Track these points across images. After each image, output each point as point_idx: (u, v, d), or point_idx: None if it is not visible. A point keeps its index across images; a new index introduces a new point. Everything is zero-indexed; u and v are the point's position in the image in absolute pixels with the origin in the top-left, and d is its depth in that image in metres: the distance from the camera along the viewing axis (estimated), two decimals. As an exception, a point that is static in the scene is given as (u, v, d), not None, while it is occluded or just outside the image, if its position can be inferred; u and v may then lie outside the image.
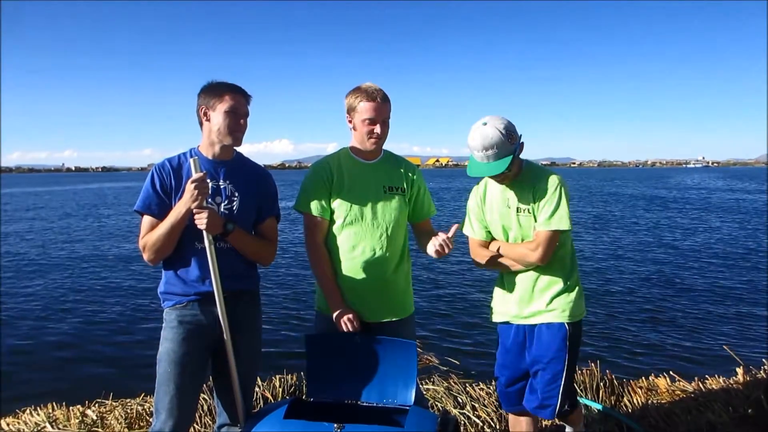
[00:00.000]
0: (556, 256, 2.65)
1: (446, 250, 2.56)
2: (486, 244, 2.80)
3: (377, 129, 2.63)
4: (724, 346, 5.65)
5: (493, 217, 2.74)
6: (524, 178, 2.66)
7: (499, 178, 2.61)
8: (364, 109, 2.61)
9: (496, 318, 2.87)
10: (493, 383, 3.74)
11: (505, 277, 2.80)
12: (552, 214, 2.56)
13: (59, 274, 11.88)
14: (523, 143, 2.61)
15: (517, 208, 2.65)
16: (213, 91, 2.46)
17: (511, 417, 2.98)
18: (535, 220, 2.61)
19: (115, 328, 7.89)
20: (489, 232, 2.79)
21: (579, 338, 2.74)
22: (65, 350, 7.01)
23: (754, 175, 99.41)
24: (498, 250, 2.74)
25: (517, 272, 2.72)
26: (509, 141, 2.49)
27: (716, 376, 4.52)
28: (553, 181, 2.60)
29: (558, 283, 2.68)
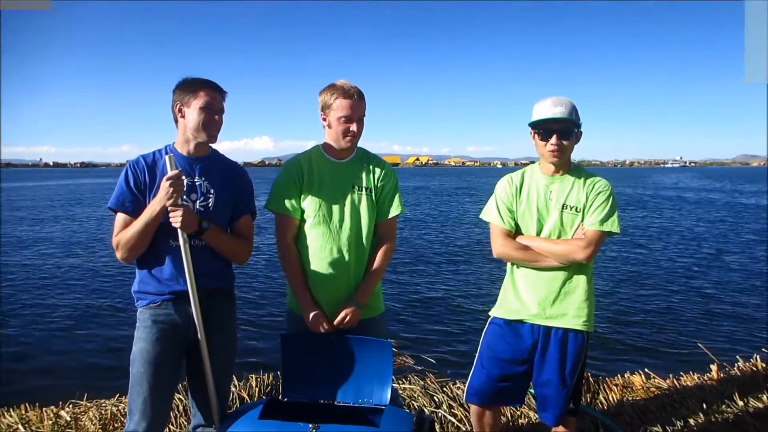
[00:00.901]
0: None
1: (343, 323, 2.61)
2: (511, 235, 2.71)
3: (353, 127, 2.62)
4: (698, 344, 5.72)
5: (529, 209, 2.68)
6: (574, 177, 2.67)
7: (560, 148, 2.57)
8: (340, 106, 2.59)
9: (506, 315, 2.74)
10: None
11: (525, 274, 2.71)
12: (608, 216, 2.58)
13: (31, 272, 11.67)
14: (582, 132, 2.68)
15: (564, 204, 2.62)
16: (187, 87, 2.43)
17: (476, 409, 2.88)
18: (582, 219, 2.60)
19: (89, 328, 7.78)
20: (516, 224, 2.72)
21: None
22: (38, 350, 6.90)
23: (729, 175, 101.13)
24: (531, 242, 2.66)
25: (543, 270, 2.65)
26: (575, 112, 2.60)
27: (691, 373, 4.57)
28: (607, 184, 2.65)
29: (585, 287, 2.64)
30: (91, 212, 26.57)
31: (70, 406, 4.04)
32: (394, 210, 2.75)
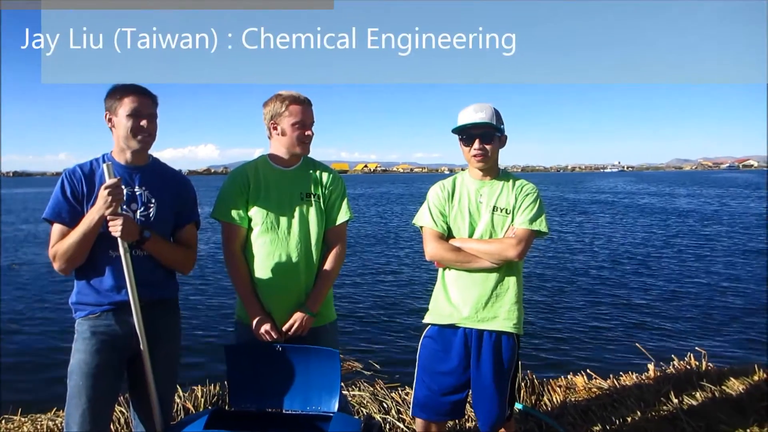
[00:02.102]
0: (518, 262, 2.69)
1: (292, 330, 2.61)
2: (444, 237, 2.73)
3: (309, 132, 2.65)
4: (636, 344, 5.91)
5: (461, 212, 2.72)
6: (503, 180, 2.74)
7: (483, 151, 2.64)
8: (294, 112, 2.60)
9: (438, 320, 2.75)
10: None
11: (457, 278, 2.73)
12: (536, 216, 2.66)
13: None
14: (506, 137, 2.76)
15: (494, 207, 2.68)
16: (113, 95, 2.38)
17: (422, 422, 2.86)
18: (512, 221, 2.66)
19: (24, 340, 7.48)
20: (449, 228, 2.75)
21: None
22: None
23: (663, 178, 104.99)
24: (463, 244, 2.68)
25: (474, 272, 2.67)
26: (497, 117, 2.68)
27: (630, 373, 4.71)
28: (534, 187, 2.76)
29: (515, 290, 2.69)
30: (28, 222, 25.54)
31: (3, 422, 3.88)
32: (343, 216, 2.77)
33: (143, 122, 2.38)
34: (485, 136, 2.65)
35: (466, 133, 2.68)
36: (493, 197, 2.70)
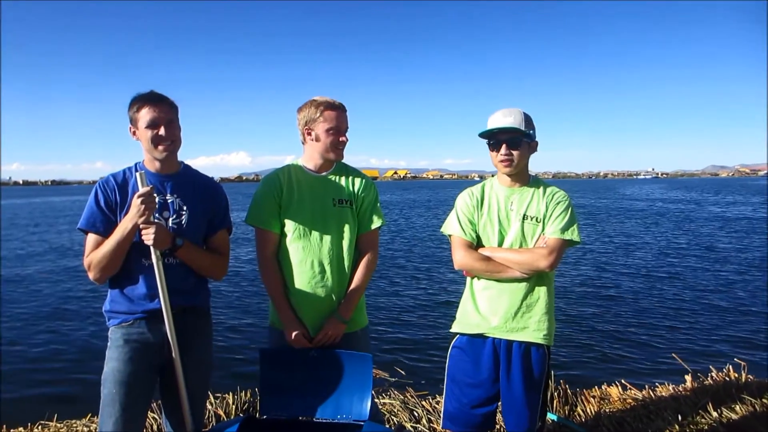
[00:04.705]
0: (549, 272, 2.62)
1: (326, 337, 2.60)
2: (473, 246, 2.68)
3: (343, 138, 2.65)
4: (673, 354, 5.78)
5: (491, 220, 2.67)
6: (533, 188, 2.68)
7: (509, 157, 2.58)
8: (329, 118, 2.61)
9: (467, 330, 2.69)
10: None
11: (486, 287, 2.67)
12: (568, 225, 2.59)
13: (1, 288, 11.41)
14: (537, 143, 2.69)
15: (524, 215, 2.62)
16: (132, 107, 2.40)
17: None
18: (543, 230, 2.60)
19: (61, 347, 7.60)
20: (478, 235, 2.70)
21: None
22: (5, 370, 6.71)
23: (699, 185, 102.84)
24: (493, 253, 2.62)
25: (504, 282, 2.62)
26: (527, 122, 2.60)
27: (666, 383, 4.62)
28: (566, 195, 2.69)
29: (546, 300, 2.63)
30: (64, 231, 26.09)
31: (39, 427, 3.95)
32: (375, 222, 2.76)
33: (162, 131, 2.38)
34: (512, 141, 2.59)
35: (494, 138, 2.63)
36: (523, 205, 2.64)
